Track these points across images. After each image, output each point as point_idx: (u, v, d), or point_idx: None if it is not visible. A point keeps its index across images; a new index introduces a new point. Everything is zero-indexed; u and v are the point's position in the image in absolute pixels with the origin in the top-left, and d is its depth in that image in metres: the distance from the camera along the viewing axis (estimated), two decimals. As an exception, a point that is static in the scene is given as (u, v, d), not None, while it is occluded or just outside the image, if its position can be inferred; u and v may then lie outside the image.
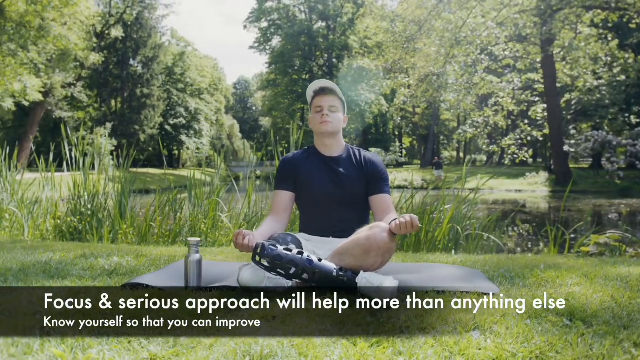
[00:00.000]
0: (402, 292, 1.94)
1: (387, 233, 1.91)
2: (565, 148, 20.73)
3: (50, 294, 1.86)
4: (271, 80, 43.08)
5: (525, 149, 20.55)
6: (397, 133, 45.54)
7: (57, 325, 1.43)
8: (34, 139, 25.92)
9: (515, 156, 19.78)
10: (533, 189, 21.04)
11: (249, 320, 1.52)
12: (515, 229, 8.58)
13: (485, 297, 1.84)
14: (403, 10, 22.07)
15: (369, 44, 36.16)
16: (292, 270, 1.86)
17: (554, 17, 16.33)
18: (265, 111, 48.15)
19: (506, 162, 21.36)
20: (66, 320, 1.48)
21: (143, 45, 34.75)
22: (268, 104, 45.42)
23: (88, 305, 1.69)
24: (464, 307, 1.70)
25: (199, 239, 2.10)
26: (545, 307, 1.67)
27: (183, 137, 41.82)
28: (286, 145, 43.79)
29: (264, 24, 41.10)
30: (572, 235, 4.70)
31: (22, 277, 2.27)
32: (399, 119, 35.99)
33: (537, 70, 21.06)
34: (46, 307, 1.68)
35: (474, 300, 1.79)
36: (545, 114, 20.38)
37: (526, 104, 20.28)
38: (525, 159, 21.50)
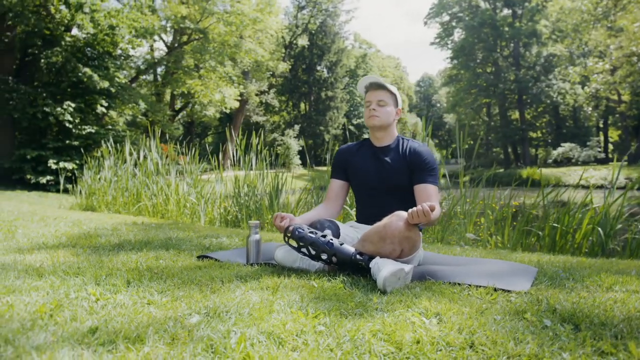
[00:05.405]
0: (420, 280, 1.97)
1: (403, 222, 1.95)
2: None
3: (138, 257, 2.40)
4: (453, 75, 41.90)
5: None
6: (601, 125, 39.83)
7: (119, 276, 1.89)
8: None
9: None
10: None
11: (248, 288, 1.77)
12: None
13: (498, 292, 1.77)
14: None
15: (564, 28, 32.42)
16: (314, 252, 2.04)
17: None
18: (449, 108, 46.97)
19: None
20: (127, 275, 1.94)
21: (327, 50, 37.26)
22: (452, 100, 44.27)
23: (151, 267, 2.16)
24: (458, 298, 1.67)
25: (257, 222, 2.41)
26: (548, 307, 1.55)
27: (366, 136, 43.51)
28: (471, 142, 42.11)
29: (445, 18, 40.15)
30: None
31: (142, 246, 2.89)
32: (590, 109, 31.30)
33: None
34: (126, 264, 2.20)
35: (480, 293, 1.74)
36: None
37: None
38: None
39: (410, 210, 1.93)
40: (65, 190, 11.52)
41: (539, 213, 4.52)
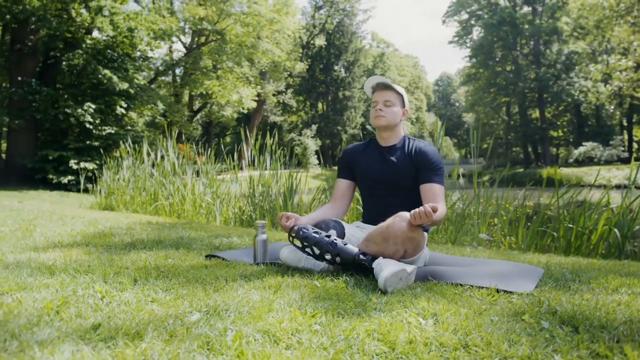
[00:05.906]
0: (422, 281, 1.97)
1: (406, 222, 1.96)
2: None
3: (147, 256, 2.45)
4: (472, 74, 41.43)
5: None
6: (625, 124, 38.95)
7: (126, 274, 1.94)
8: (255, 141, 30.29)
9: None
10: None
11: (250, 287, 1.79)
12: None
13: (500, 292, 1.77)
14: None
15: (585, 24, 31.77)
16: (318, 252, 2.06)
17: None
18: (468, 107, 46.48)
19: None
20: (135, 273, 1.98)
21: (344, 50, 37.21)
22: (470, 99, 43.81)
23: (159, 265, 2.20)
24: (458, 299, 1.67)
25: (265, 221, 2.44)
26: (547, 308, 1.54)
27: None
28: (490, 141, 41.59)
29: (464, 16, 39.73)
30: None
31: (154, 245, 2.95)
32: (612, 107, 30.55)
33: None
34: (135, 263, 2.25)
35: (482, 294, 1.74)
36: None
37: None
38: None
39: (412, 211, 1.94)
40: (86, 190, 11.76)
41: (557, 214, 4.45)
